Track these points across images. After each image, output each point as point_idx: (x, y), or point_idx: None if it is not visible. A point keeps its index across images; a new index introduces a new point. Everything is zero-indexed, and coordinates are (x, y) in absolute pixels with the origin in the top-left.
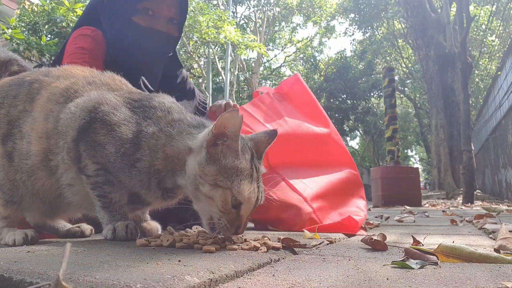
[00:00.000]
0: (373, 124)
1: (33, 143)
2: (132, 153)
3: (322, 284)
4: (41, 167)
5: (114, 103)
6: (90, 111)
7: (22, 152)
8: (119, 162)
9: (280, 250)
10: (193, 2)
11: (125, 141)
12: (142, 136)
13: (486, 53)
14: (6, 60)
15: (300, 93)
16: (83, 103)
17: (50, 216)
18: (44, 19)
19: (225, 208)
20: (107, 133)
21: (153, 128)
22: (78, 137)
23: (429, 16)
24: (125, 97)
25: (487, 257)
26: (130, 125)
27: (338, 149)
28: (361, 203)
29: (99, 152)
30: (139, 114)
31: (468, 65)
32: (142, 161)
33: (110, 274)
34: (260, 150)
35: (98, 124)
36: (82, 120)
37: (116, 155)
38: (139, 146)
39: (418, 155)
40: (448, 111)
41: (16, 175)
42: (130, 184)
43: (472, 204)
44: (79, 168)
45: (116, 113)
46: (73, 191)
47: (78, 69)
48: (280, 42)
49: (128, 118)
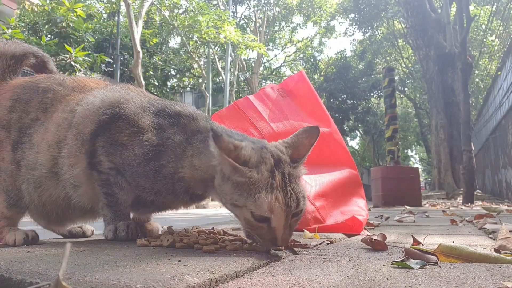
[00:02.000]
0: (373, 124)
1: (42, 153)
2: (157, 159)
3: (322, 284)
4: (49, 175)
5: (140, 103)
6: (112, 106)
7: (30, 163)
8: (143, 167)
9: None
10: (193, 2)
11: (152, 147)
12: (169, 143)
13: (486, 53)
14: (22, 55)
15: (304, 91)
16: (104, 94)
17: (57, 225)
18: (44, 19)
19: (251, 224)
20: (133, 134)
21: (180, 136)
22: (97, 132)
23: (429, 16)
24: (147, 99)
25: (487, 257)
26: (156, 131)
27: (339, 148)
28: (362, 202)
29: (119, 152)
30: (165, 119)
31: (468, 65)
32: (167, 167)
33: (110, 274)
34: (302, 153)
35: (122, 123)
36: (103, 115)
37: (142, 159)
38: (165, 153)
39: (418, 155)
40: (448, 111)
41: (22, 185)
42: (153, 188)
43: (472, 204)
44: (90, 163)
45: (144, 115)
46: (80, 192)
47: (92, 82)
48: (280, 42)
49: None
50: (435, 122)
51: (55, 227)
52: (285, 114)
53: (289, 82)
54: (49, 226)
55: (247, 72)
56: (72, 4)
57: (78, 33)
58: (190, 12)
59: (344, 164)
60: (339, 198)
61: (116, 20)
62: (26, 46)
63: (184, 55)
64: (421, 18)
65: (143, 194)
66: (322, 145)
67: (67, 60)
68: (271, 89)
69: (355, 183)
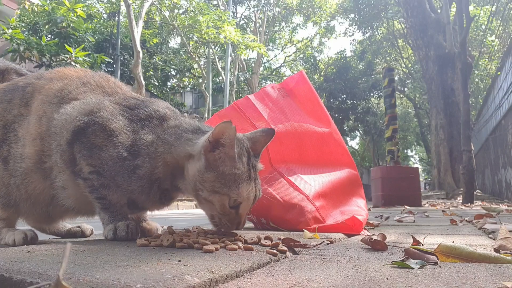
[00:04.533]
0: (373, 124)
1: (27, 146)
2: (132, 159)
3: (322, 284)
4: (34, 169)
5: (112, 111)
6: (87, 114)
7: (17, 156)
8: (119, 167)
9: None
10: (193, 2)
11: (125, 147)
12: (141, 143)
13: (486, 53)
14: (3, 69)
15: (304, 90)
16: (81, 105)
17: (46, 222)
18: (44, 19)
19: (224, 210)
20: (107, 137)
21: (152, 136)
22: (73, 139)
23: (429, 16)
24: (121, 104)
25: (487, 257)
26: (129, 133)
27: (338, 148)
28: (361, 202)
29: (96, 154)
30: (137, 123)
31: (468, 65)
32: (143, 168)
33: (110, 274)
34: (258, 149)
35: (97, 127)
36: (79, 121)
37: (117, 159)
38: (139, 153)
39: (418, 155)
40: (448, 111)
41: (10, 180)
42: (128, 188)
43: (472, 204)
44: (73, 172)
45: (116, 120)
46: (66, 194)
47: (71, 70)
48: (280, 42)
49: (126, 127)
50: (435, 122)
51: (45, 225)
52: (285, 114)
53: (289, 81)
54: (39, 224)
55: (247, 72)
56: (73, 4)
57: (78, 33)
58: (190, 12)
59: (344, 164)
60: (339, 198)
61: (116, 20)
62: (8, 63)
63: (184, 55)
64: (421, 18)
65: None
66: (322, 145)
67: (67, 60)
68: (271, 89)
69: (355, 183)
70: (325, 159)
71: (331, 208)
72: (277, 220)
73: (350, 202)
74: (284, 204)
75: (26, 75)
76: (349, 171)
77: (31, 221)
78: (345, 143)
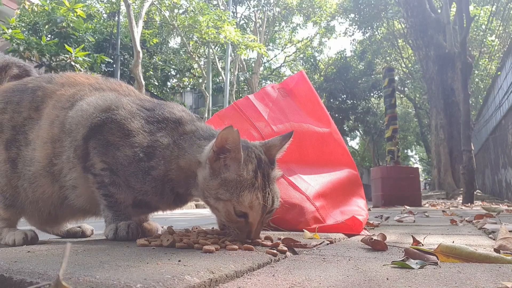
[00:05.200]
0: (373, 124)
1: (37, 150)
2: (147, 160)
3: (322, 284)
4: (43, 173)
5: (130, 109)
6: (105, 111)
7: (26, 159)
8: (134, 167)
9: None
10: (193, 2)
11: (142, 148)
12: (157, 146)
13: (486, 53)
14: (4, 65)
15: (304, 90)
16: (96, 101)
17: (51, 224)
18: (44, 19)
19: (230, 218)
20: (124, 137)
21: (168, 139)
22: (88, 135)
23: (429, 16)
24: (138, 104)
25: (487, 257)
26: (145, 134)
27: (338, 148)
28: (361, 202)
29: (111, 152)
30: (153, 124)
31: (468, 65)
32: (157, 169)
33: (110, 274)
34: (273, 153)
35: (114, 125)
36: (96, 118)
37: (132, 159)
38: (154, 155)
39: (418, 155)
40: (448, 111)
41: (18, 182)
42: (142, 189)
43: (472, 204)
44: (84, 167)
45: (134, 120)
46: (77, 193)
47: (82, 77)
48: (280, 42)
49: (143, 127)
50: (435, 122)
51: (48, 227)
52: (285, 114)
53: (290, 81)
54: (42, 226)
55: (247, 72)
56: (72, 4)
57: (78, 33)
58: (190, 12)
59: (344, 164)
60: (339, 198)
61: (116, 20)
62: (7, 57)
63: (184, 55)
64: (421, 18)
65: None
66: (322, 145)
67: (67, 60)
68: (271, 88)
69: (355, 183)
70: (325, 159)
71: (331, 208)
72: (277, 220)
73: (350, 202)
74: (284, 204)
75: (35, 76)
76: (349, 171)
77: (33, 222)
78: (345, 143)
